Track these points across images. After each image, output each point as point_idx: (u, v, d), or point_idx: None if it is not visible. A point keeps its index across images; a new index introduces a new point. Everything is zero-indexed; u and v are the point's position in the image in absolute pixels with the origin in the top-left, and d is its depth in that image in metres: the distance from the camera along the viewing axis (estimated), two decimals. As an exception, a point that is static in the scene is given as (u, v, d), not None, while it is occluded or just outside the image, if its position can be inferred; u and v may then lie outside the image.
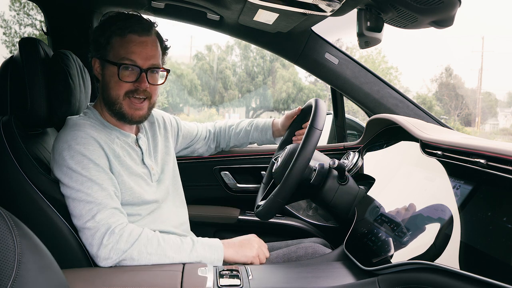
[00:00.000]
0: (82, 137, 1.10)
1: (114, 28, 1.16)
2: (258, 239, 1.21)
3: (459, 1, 1.06)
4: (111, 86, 1.17)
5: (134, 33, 1.15)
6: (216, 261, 1.09)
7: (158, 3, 1.62)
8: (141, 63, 1.16)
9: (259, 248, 1.18)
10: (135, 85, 1.16)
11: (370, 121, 1.46)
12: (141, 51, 1.16)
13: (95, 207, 1.04)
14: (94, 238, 1.03)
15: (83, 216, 1.04)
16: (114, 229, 1.03)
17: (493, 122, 27.05)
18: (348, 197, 1.20)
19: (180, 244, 1.08)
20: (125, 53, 1.15)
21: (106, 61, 1.17)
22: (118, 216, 1.06)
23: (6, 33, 17.09)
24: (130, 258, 1.03)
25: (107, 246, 1.02)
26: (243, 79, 23.93)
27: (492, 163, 0.79)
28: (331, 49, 1.72)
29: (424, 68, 43.49)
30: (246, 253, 1.14)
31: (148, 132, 1.34)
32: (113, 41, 1.16)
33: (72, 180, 1.06)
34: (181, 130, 1.53)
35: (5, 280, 0.56)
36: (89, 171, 1.07)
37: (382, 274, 0.92)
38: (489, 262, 0.69)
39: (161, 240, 1.07)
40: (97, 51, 1.19)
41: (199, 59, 24.25)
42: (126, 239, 1.03)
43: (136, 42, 1.15)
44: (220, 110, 24.00)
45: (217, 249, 1.11)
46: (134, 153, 1.23)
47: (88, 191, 1.05)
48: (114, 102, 1.18)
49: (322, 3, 1.14)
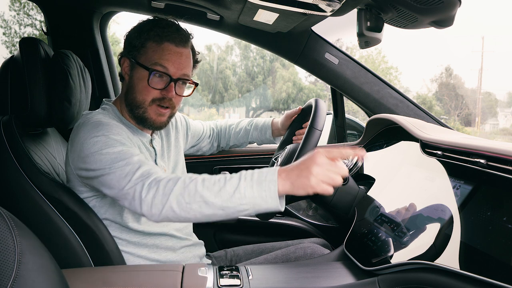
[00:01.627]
0: (104, 124, 1.08)
1: (152, 34, 1.14)
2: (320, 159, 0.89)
3: (459, 1, 1.06)
4: (138, 89, 1.16)
5: (171, 43, 1.14)
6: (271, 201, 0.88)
7: (158, 3, 1.62)
8: (173, 72, 1.14)
9: (318, 174, 0.88)
10: (162, 93, 1.15)
11: (370, 121, 1.46)
12: (175, 61, 1.15)
13: (136, 165, 0.99)
14: (134, 199, 0.95)
15: (120, 181, 0.97)
16: (150, 183, 0.95)
17: (493, 122, 27.03)
18: (348, 197, 1.20)
19: (222, 185, 0.91)
20: (159, 59, 1.13)
21: (138, 63, 1.15)
22: (154, 169, 0.99)
23: (6, 33, 17.10)
24: (171, 210, 0.92)
25: (147, 204, 0.93)
26: (243, 79, 23.93)
27: (492, 163, 0.80)
28: (331, 49, 1.72)
29: (424, 68, 43.51)
30: (304, 183, 0.89)
31: (162, 132, 1.33)
32: (148, 45, 1.15)
33: (101, 162, 1.01)
34: (190, 129, 1.53)
35: (5, 280, 0.56)
36: (117, 147, 1.03)
37: (382, 274, 0.92)
38: (489, 262, 0.69)
39: (199, 185, 0.92)
40: (129, 52, 1.17)
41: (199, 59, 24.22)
42: (162, 191, 0.93)
43: (172, 52, 1.14)
44: (220, 110, 23.99)
45: (269, 185, 0.88)
46: (148, 153, 1.22)
47: (121, 160, 1.00)
48: (139, 106, 1.16)
49: (322, 3, 1.14)
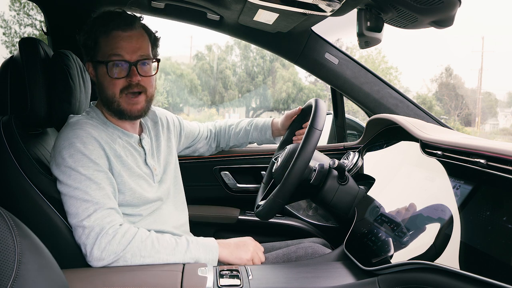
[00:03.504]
0: (82, 136, 1.10)
1: (98, 27, 1.16)
2: (255, 243, 1.20)
3: (459, 1, 1.06)
4: (105, 85, 1.17)
5: (118, 29, 1.15)
6: (211, 261, 1.09)
7: (158, 3, 1.62)
8: (129, 57, 1.14)
9: (254, 252, 1.17)
10: (128, 80, 1.16)
11: (370, 121, 1.46)
12: (127, 45, 1.14)
13: (92, 206, 1.04)
14: (88, 237, 1.02)
15: (79, 215, 1.04)
16: (108, 230, 1.02)
17: (493, 122, 27.02)
18: (348, 197, 1.20)
19: (174, 245, 1.07)
20: (111, 49, 1.14)
21: (97, 62, 1.17)
22: (113, 216, 1.06)
23: (6, 33, 17.09)
24: (123, 260, 1.02)
25: (99, 246, 1.01)
26: (243, 79, 23.92)
27: (492, 163, 0.79)
28: (331, 49, 1.72)
29: (424, 68, 43.47)
30: (241, 255, 1.14)
31: (152, 132, 1.34)
32: (99, 40, 1.16)
33: (70, 178, 1.06)
34: (183, 130, 1.53)
35: (5, 280, 0.56)
36: (88, 170, 1.07)
37: (382, 274, 0.92)
38: (489, 262, 0.69)
39: (155, 242, 1.06)
40: (88, 54, 1.19)
41: (199, 59, 24.23)
42: (119, 240, 1.02)
43: (121, 37, 1.14)
44: (220, 110, 23.99)
45: (212, 249, 1.10)
46: (136, 153, 1.23)
47: (86, 189, 1.05)
48: (111, 100, 1.17)
49: (322, 3, 1.14)
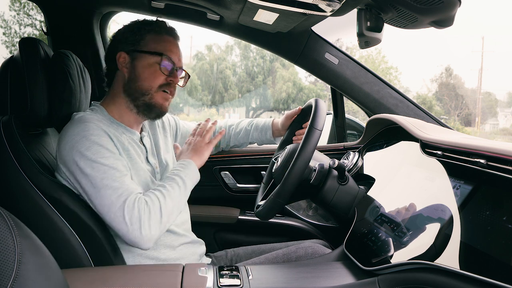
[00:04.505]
0: (93, 128, 1.09)
1: (149, 28, 1.21)
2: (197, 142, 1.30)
3: (459, 1, 1.06)
4: (144, 76, 1.19)
5: (169, 35, 1.23)
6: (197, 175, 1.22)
7: (158, 3, 1.62)
8: (176, 61, 1.22)
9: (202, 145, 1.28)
10: (169, 79, 1.20)
11: (370, 121, 1.46)
12: (176, 51, 1.23)
13: (124, 193, 1.04)
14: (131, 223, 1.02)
15: (114, 203, 1.03)
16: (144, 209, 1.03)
17: (493, 122, 27.01)
18: (348, 197, 1.20)
19: (178, 190, 1.13)
20: (162, 49, 1.20)
21: (142, 52, 1.19)
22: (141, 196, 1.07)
23: (6, 33, 17.08)
24: (165, 226, 1.07)
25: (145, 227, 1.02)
26: (243, 79, 23.91)
27: (492, 163, 0.79)
28: (331, 49, 1.72)
29: (424, 68, 43.44)
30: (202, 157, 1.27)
31: (149, 131, 1.35)
32: (147, 37, 1.21)
33: (94, 170, 1.04)
34: (179, 130, 1.54)
35: (5, 280, 0.56)
36: (108, 159, 1.06)
37: (382, 274, 0.92)
38: (489, 262, 0.69)
39: (168, 199, 1.09)
40: (128, 45, 1.21)
41: (199, 59, 24.23)
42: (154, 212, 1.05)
43: (172, 43, 1.23)
44: (220, 110, 23.99)
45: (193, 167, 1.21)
46: (139, 150, 1.24)
47: (113, 178, 1.04)
48: (145, 93, 1.19)
49: (322, 3, 1.14)
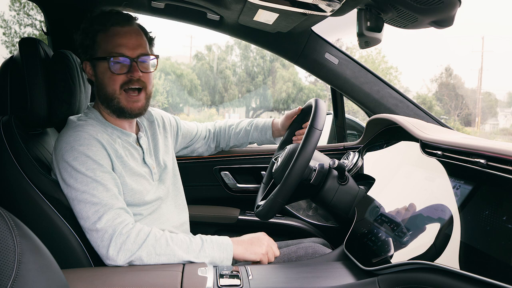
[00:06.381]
0: (84, 137, 1.10)
1: (96, 26, 1.16)
2: (268, 237, 1.19)
3: (459, 1, 1.06)
4: (105, 82, 1.17)
5: (116, 25, 1.16)
6: (226, 260, 1.08)
7: (158, 3, 1.62)
8: (130, 53, 1.16)
9: (268, 246, 1.15)
10: (128, 76, 1.16)
11: (370, 121, 1.46)
12: (127, 42, 1.16)
13: (101, 209, 1.04)
14: (102, 240, 1.03)
15: (90, 218, 1.04)
16: (122, 230, 1.03)
17: (493, 122, 27.02)
18: (348, 197, 1.20)
19: (189, 243, 1.07)
20: (112, 47, 1.15)
21: (96, 59, 1.17)
22: (124, 216, 1.06)
23: (6, 33, 17.09)
24: (139, 259, 1.03)
25: (115, 247, 1.02)
26: (243, 79, 23.92)
27: (492, 163, 0.79)
28: (331, 49, 1.72)
29: (424, 68, 43.49)
30: (255, 250, 1.12)
31: (148, 131, 1.34)
32: (98, 39, 1.17)
33: (77, 181, 1.06)
34: (180, 130, 1.54)
35: (5, 280, 0.56)
36: (93, 172, 1.07)
37: (382, 274, 0.92)
38: (489, 262, 0.69)
39: (169, 240, 1.06)
40: (86, 53, 1.19)
41: (199, 59, 24.24)
42: (133, 240, 1.03)
43: (120, 34, 1.16)
44: (220, 110, 24.00)
45: (227, 247, 1.09)
46: (135, 152, 1.23)
47: (93, 192, 1.05)
48: (111, 97, 1.17)
49: (322, 3, 1.14)
